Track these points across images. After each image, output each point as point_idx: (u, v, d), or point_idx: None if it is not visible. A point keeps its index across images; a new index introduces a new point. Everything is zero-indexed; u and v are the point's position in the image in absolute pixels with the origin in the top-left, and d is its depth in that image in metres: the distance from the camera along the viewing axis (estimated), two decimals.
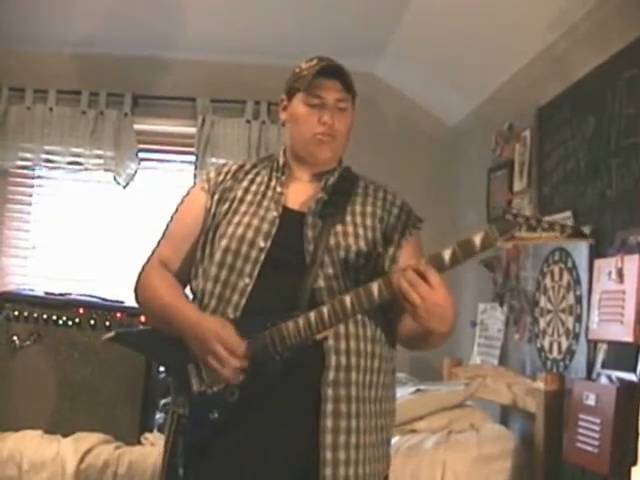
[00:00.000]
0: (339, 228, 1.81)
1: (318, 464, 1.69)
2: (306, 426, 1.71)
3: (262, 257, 1.78)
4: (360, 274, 1.77)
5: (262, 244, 1.79)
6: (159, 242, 1.96)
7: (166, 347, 1.81)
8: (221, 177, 1.93)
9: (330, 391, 1.71)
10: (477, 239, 1.57)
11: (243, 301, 1.76)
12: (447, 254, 1.59)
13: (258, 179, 1.92)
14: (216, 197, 1.90)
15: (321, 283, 1.75)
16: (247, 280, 1.77)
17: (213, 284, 1.81)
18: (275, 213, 1.84)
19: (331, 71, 1.84)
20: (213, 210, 1.89)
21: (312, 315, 1.67)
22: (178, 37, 3.95)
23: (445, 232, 3.38)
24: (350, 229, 1.82)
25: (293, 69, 1.91)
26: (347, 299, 1.65)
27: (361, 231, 1.83)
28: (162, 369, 2.70)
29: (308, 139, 1.86)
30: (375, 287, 1.64)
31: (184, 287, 1.92)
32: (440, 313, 1.60)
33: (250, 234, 1.80)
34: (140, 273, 1.93)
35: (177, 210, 1.97)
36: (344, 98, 1.86)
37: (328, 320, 1.66)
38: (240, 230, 1.81)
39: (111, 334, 1.96)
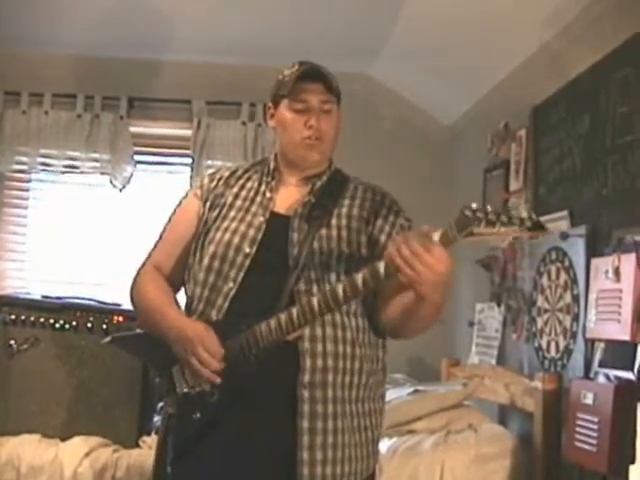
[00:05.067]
0: (324, 232, 1.83)
1: (296, 464, 1.72)
2: (285, 427, 1.74)
3: (247, 262, 1.82)
4: (341, 278, 1.77)
5: (247, 250, 1.83)
6: (154, 246, 2.01)
7: (157, 349, 1.85)
8: (213, 183, 1.98)
9: (306, 393, 1.74)
10: (436, 237, 1.56)
11: (226, 304, 1.80)
12: None
13: (249, 184, 1.96)
14: (208, 204, 1.94)
15: (301, 286, 1.77)
16: (231, 284, 1.81)
17: (202, 288, 1.85)
18: (262, 218, 1.87)
19: (312, 74, 1.86)
20: (205, 217, 1.93)
21: (282, 316, 1.71)
22: (173, 39, 3.95)
23: None
24: (334, 232, 1.84)
25: (276, 76, 1.93)
26: (314, 300, 1.68)
27: (345, 234, 1.84)
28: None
29: (297, 144, 1.88)
30: (340, 289, 1.66)
31: (177, 290, 1.98)
32: (438, 280, 1.55)
33: (236, 240, 1.84)
34: (135, 277, 1.98)
35: (172, 215, 2.02)
36: (328, 100, 1.88)
37: (297, 321, 1.70)
38: (227, 236, 1.85)
39: (108, 338, 2.02)
